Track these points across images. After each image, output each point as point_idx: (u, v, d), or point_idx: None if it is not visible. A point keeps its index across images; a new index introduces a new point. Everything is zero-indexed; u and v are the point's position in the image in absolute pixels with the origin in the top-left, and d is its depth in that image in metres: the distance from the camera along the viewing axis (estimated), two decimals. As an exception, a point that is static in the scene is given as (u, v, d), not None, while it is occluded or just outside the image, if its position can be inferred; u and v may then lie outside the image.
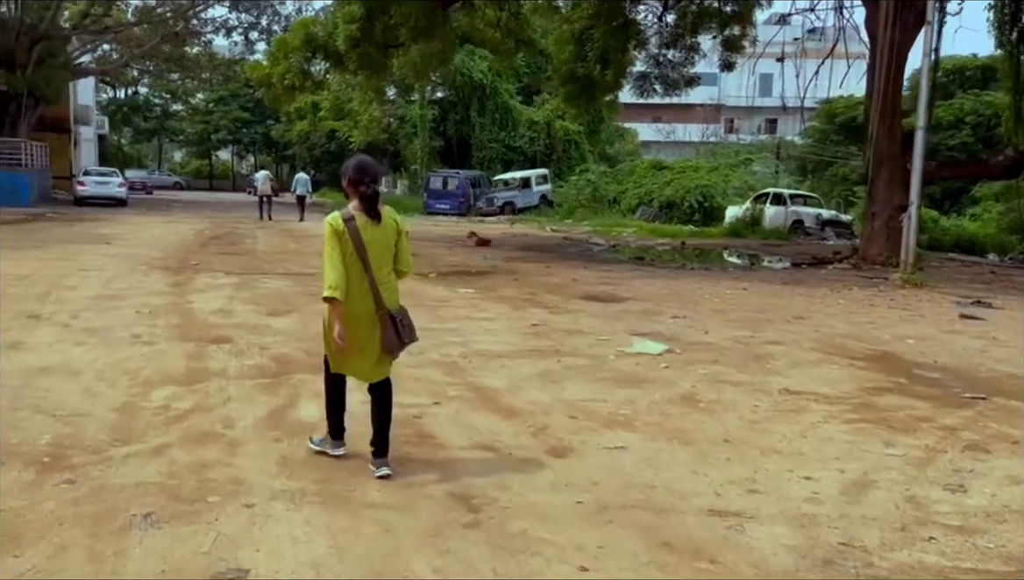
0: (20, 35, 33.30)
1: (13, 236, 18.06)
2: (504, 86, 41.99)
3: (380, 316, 4.21)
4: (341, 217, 4.15)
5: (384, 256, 4.25)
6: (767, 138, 55.97)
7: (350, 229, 4.12)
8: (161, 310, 9.08)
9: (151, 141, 73.50)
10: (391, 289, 4.32)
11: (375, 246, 4.17)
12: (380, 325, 4.22)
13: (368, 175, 4.19)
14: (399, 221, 4.38)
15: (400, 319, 4.32)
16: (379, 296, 4.19)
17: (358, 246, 4.11)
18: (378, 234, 4.19)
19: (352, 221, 4.14)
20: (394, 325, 4.26)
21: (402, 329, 4.31)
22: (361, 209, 4.16)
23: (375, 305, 4.19)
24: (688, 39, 22.30)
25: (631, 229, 26.91)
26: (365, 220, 4.16)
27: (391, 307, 4.28)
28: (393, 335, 4.26)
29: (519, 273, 14.08)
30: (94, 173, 35.38)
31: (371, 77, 19.13)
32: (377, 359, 4.32)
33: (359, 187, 4.16)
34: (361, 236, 4.12)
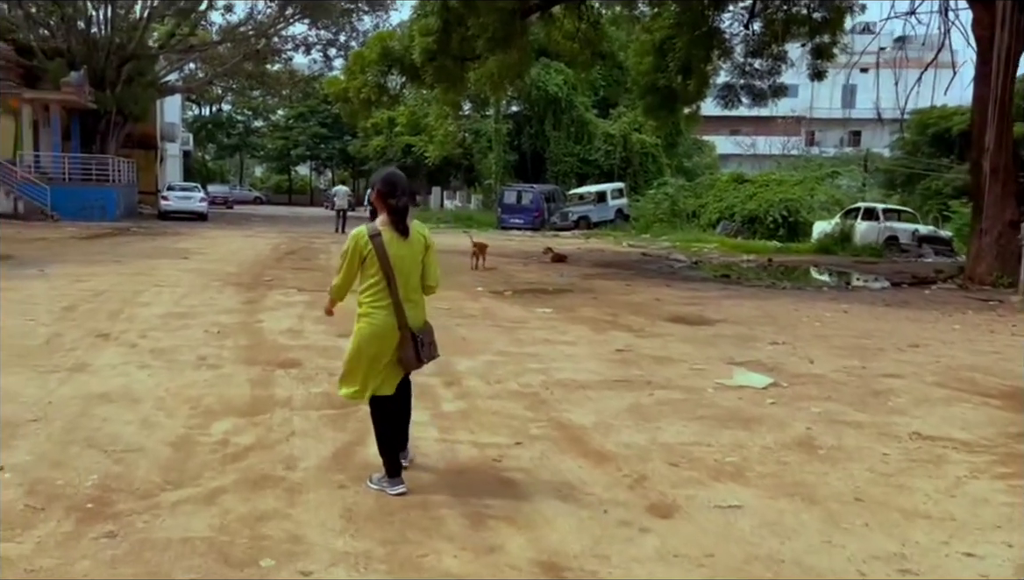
0: (110, 55, 34.39)
1: (97, 250, 18.31)
2: (580, 99, 41.47)
3: (401, 333, 4.14)
4: (367, 233, 4.07)
5: (411, 272, 4.18)
6: (852, 151, 53.90)
7: (375, 245, 4.04)
8: (230, 330, 8.77)
9: (233, 157, 75.53)
10: (417, 305, 4.27)
11: (402, 262, 4.11)
12: (400, 343, 4.15)
13: (399, 188, 4.08)
14: (427, 236, 4.29)
15: (421, 338, 4.23)
16: (402, 314, 4.12)
17: (383, 263, 4.05)
18: (405, 250, 4.12)
19: (378, 237, 4.05)
20: (414, 343, 4.18)
21: (422, 347, 4.24)
22: (389, 223, 4.08)
23: (397, 322, 4.12)
24: (775, 47, 21.36)
25: (712, 245, 25.94)
26: (392, 235, 4.07)
27: (415, 324, 4.21)
28: (411, 353, 4.19)
29: (598, 292, 13.43)
30: (177, 188, 36.26)
31: (447, 90, 18.81)
32: (393, 374, 4.29)
33: (389, 200, 4.07)
34: (387, 252, 4.04)
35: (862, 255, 22.31)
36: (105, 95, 33.70)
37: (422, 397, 6.09)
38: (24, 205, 29.39)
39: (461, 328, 9.29)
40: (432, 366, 7.23)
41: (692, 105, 22.46)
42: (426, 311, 4.38)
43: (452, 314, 10.39)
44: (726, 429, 5.45)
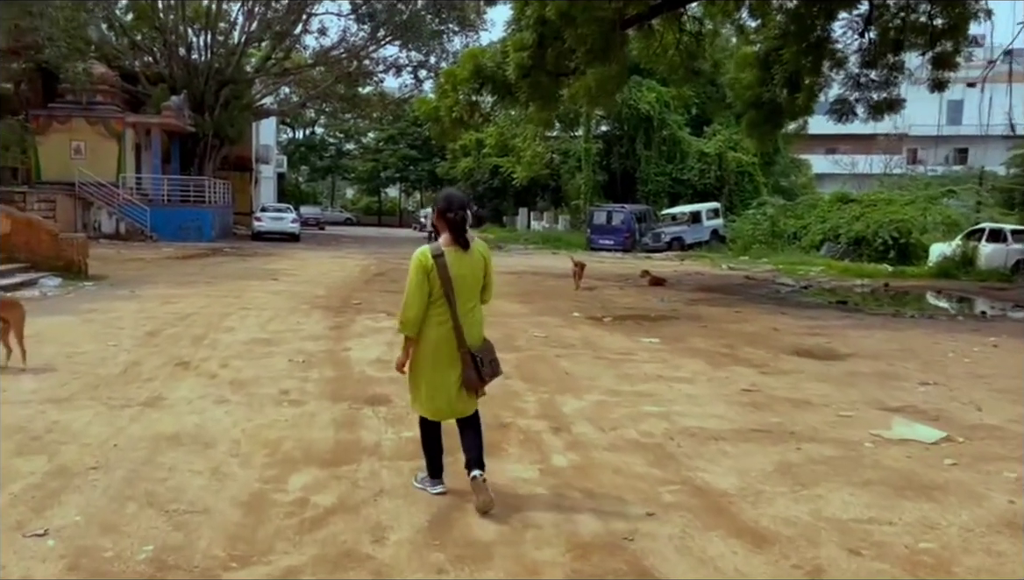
0: (209, 79, 35.19)
1: (189, 271, 18.27)
2: (672, 117, 40.30)
3: (461, 354, 4.13)
4: (431, 252, 4.09)
5: (472, 289, 4.21)
6: (960, 169, 50.87)
7: (438, 265, 4.06)
8: (316, 359, 8.15)
9: (325, 178, 77.00)
10: (476, 323, 4.24)
11: (463, 281, 4.13)
12: (460, 362, 4.14)
13: (455, 204, 4.15)
14: (487, 254, 4.30)
15: (480, 357, 4.19)
16: (461, 334, 4.12)
17: (445, 282, 4.07)
18: (466, 268, 4.15)
19: (441, 257, 4.08)
20: (474, 363, 4.15)
21: (482, 366, 4.19)
22: (451, 240, 4.12)
23: (456, 342, 4.12)
24: (890, 57, 19.89)
25: (818, 268, 24.40)
26: (454, 253, 4.11)
27: (474, 343, 4.19)
28: (473, 372, 4.16)
29: (706, 319, 12.38)
30: (270, 209, 36.74)
31: (542, 107, 18.08)
32: (458, 397, 4.21)
33: (447, 214, 4.12)
34: (449, 272, 4.07)
35: (989, 280, 20.46)
36: (203, 119, 34.47)
37: (527, 445, 5.27)
38: (126, 226, 30.14)
39: (563, 360, 8.44)
40: (537, 406, 6.48)
41: (798, 120, 21.18)
42: (483, 327, 4.32)
43: (550, 342, 9.57)
44: (905, 500, 4.42)
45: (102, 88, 31.37)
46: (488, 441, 5.34)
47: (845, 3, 18.85)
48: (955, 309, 15.63)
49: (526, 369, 7.86)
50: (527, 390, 6.97)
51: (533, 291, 15.94)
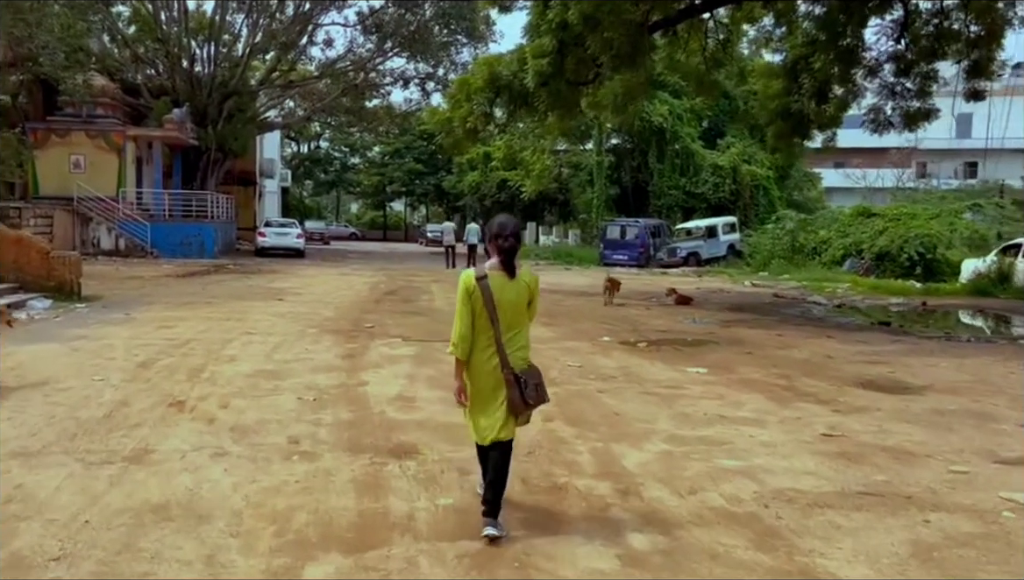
0: (212, 92, 34.41)
1: (190, 290, 17.35)
2: (685, 130, 39.46)
3: (504, 376, 4.11)
4: (474, 275, 4.13)
5: (517, 314, 4.19)
6: (977, 182, 49.99)
7: (481, 287, 4.08)
8: (328, 395, 7.19)
9: (330, 193, 76.23)
10: (521, 347, 4.21)
11: (507, 305, 4.11)
12: (505, 385, 4.12)
13: (507, 230, 4.16)
14: (532, 283, 4.26)
15: (525, 380, 4.15)
16: (504, 356, 4.11)
17: (488, 305, 4.08)
18: (511, 293, 4.13)
19: (484, 280, 4.10)
20: (519, 386, 4.11)
21: (526, 390, 4.14)
22: (499, 264, 4.14)
23: (500, 365, 4.10)
24: (923, 66, 18.98)
25: (845, 284, 23.41)
26: (499, 278, 4.12)
27: (518, 366, 4.15)
28: (518, 396, 4.12)
29: (748, 344, 11.40)
30: (274, 224, 35.88)
31: (562, 117, 17.17)
32: (503, 420, 4.15)
33: (497, 240, 4.14)
34: (492, 295, 4.08)
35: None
36: (206, 132, 33.67)
37: (593, 519, 4.30)
38: (125, 242, 29.28)
39: (606, 396, 7.47)
40: (592, 460, 5.47)
41: (827, 131, 20.24)
42: (529, 352, 4.26)
43: (587, 374, 8.59)
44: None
45: (102, 100, 30.59)
46: (544, 507, 4.44)
47: (878, 8, 18.00)
48: (1010, 332, 14.59)
49: (569, 408, 6.88)
50: (575, 437, 6.00)
51: (556, 312, 14.97)
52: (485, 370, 4.13)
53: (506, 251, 4.12)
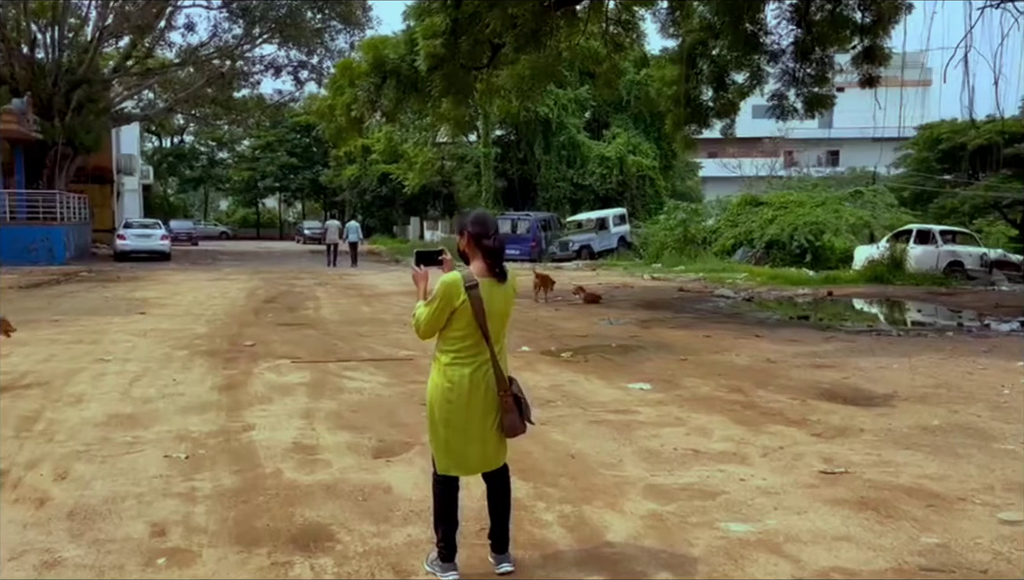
0: (58, 80, 31.03)
1: (35, 305, 14.99)
2: (571, 120, 38.83)
3: (503, 398, 3.52)
4: (463, 282, 3.41)
5: (503, 325, 3.59)
6: (844, 170, 51.97)
7: (472, 298, 3.40)
8: (205, 451, 5.62)
9: (197, 190, 71.88)
10: (504, 362, 3.58)
11: (497, 316, 3.50)
12: (501, 407, 3.52)
13: (491, 228, 3.53)
14: (517, 286, 3.66)
15: (523, 398, 3.61)
16: (501, 375, 3.51)
17: (479, 317, 3.42)
18: (499, 301, 3.50)
19: (475, 289, 3.41)
20: (518, 406, 3.57)
21: (525, 408, 3.62)
22: (486, 269, 3.49)
23: (497, 385, 3.50)
24: (819, 51, 18.72)
25: (742, 275, 23.13)
26: (489, 284, 3.47)
27: None
28: (517, 417, 3.57)
29: (678, 348, 10.45)
30: (135, 225, 32.83)
31: (457, 103, 15.78)
32: (496, 445, 3.60)
33: (483, 241, 3.48)
34: (484, 306, 3.41)
35: (924, 284, 19.61)
36: (52, 125, 30.29)
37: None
38: (-43, 249, 25.83)
39: (551, 430, 6.22)
40: (567, 534, 4.18)
41: (727, 117, 19.74)
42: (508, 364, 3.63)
43: (519, 398, 7.31)
44: None
45: (-74, 90, 26.95)
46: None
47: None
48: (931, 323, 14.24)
49: (514, 451, 5.57)
50: (534, 496, 4.72)
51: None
52: (473, 390, 3.49)
53: (494, 253, 3.50)
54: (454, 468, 3.58)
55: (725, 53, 18.45)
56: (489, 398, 3.51)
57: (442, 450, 3.58)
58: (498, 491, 3.70)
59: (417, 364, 8.92)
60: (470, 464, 3.59)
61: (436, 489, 3.66)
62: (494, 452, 3.61)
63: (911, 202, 36.99)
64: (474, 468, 3.62)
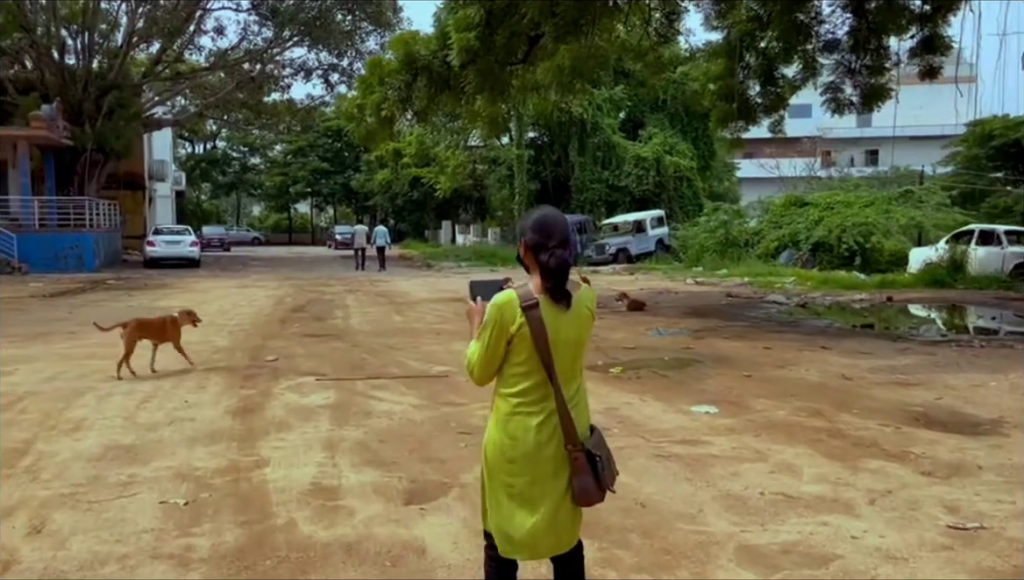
0: (88, 86, 30.78)
1: (54, 315, 14.42)
2: (606, 121, 37.89)
3: (572, 455, 2.62)
4: (520, 300, 2.59)
5: (574, 360, 2.70)
6: (888, 170, 50.26)
7: (531, 321, 2.57)
8: (209, 494, 4.80)
9: (230, 195, 71.96)
10: (580, 405, 2.70)
11: (565, 346, 2.63)
12: (571, 466, 2.63)
13: (555, 237, 2.61)
14: (594, 306, 2.75)
15: (599, 455, 2.68)
16: (570, 424, 2.61)
17: (542, 347, 2.58)
18: (570, 328, 2.64)
19: (535, 309, 2.58)
20: (592, 466, 2.64)
21: (602, 469, 2.66)
22: (546, 290, 2.61)
23: (564, 437, 2.62)
24: (874, 41, 17.61)
25: (790, 279, 22.01)
26: (551, 307, 2.61)
27: (583, 435, 2.67)
28: (591, 481, 2.65)
29: (737, 362, 9.49)
30: (164, 232, 32.45)
31: (492, 100, 14.93)
32: (569, 520, 2.69)
33: (540, 255, 2.60)
34: (546, 332, 2.57)
35: (989, 287, 18.37)
36: (83, 130, 30.03)
37: None
38: (-12, 257, 25.56)
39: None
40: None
41: (775, 114, 18.69)
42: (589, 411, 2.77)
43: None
44: None
45: (-46, 97, 26.77)
46: None
47: (831, -22, 16.54)
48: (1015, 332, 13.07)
49: (570, 497, 4.71)
50: (602, 562, 3.83)
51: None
52: (537, 445, 2.67)
53: (553, 271, 2.60)
54: (516, 551, 2.73)
55: (774, 45, 17.47)
56: (559, 457, 2.65)
57: (503, 526, 2.73)
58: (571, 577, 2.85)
59: (452, 382, 8.09)
60: (538, 545, 2.71)
61: (488, 567, 2.87)
62: (567, 528, 2.73)
63: (960, 201, 35.47)
64: (543, 551, 2.75)
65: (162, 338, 8.92)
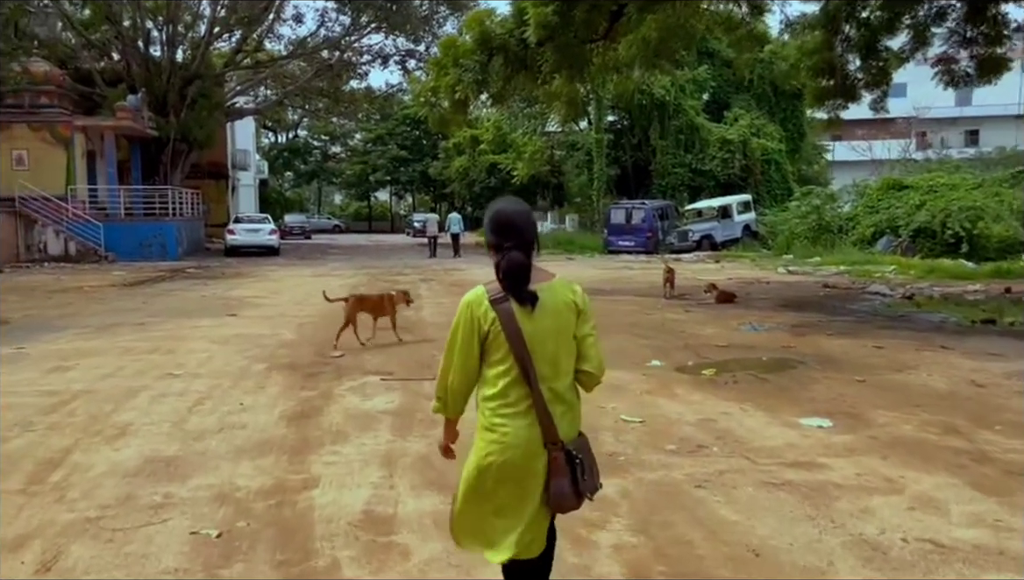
0: (172, 76, 31.18)
1: (127, 306, 14.31)
2: (689, 103, 36.46)
3: (551, 454, 2.52)
4: (488, 295, 2.53)
5: (557, 355, 2.54)
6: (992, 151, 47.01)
7: (501, 315, 2.49)
8: (246, 525, 4.18)
9: (311, 184, 72.91)
10: (570, 407, 2.59)
11: (542, 341, 2.51)
12: (549, 467, 2.52)
13: (511, 237, 2.51)
14: (578, 296, 2.61)
15: (580, 459, 2.57)
16: (548, 420, 2.50)
17: (515, 342, 2.47)
18: (547, 320, 2.51)
19: (505, 302, 2.50)
20: (571, 468, 2.54)
21: (582, 473, 2.57)
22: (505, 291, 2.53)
23: (543, 435, 2.51)
24: (992, 8, 16.02)
25: (890, 268, 20.49)
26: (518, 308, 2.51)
27: (567, 438, 2.56)
28: (567, 484, 2.53)
29: (846, 364, 8.46)
30: (245, 220, 32.73)
31: (570, 79, 14.09)
32: (537, 526, 2.57)
33: (496, 255, 2.56)
34: (519, 326, 2.47)
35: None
36: (167, 121, 30.46)
37: None
38: (76, 246, 26.13)
39: (711, 495, 4.50)
40: None
41: (877, 90, 17.28)
42: (580, 415, 2.66)
43: (658, 439, 5.63)
44: None
45: (46, 89, 27.37)
46: None
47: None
48: None
49: (664, 538, 3.92)
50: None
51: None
52: (520, 449, 2.51)
53: (507, 274, 2.49)
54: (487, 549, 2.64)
55: (878, 14, 16.08)
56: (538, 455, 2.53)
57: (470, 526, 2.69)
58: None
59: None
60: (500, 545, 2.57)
61: None
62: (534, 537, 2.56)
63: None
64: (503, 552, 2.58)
65: (380, 313, 9.99)
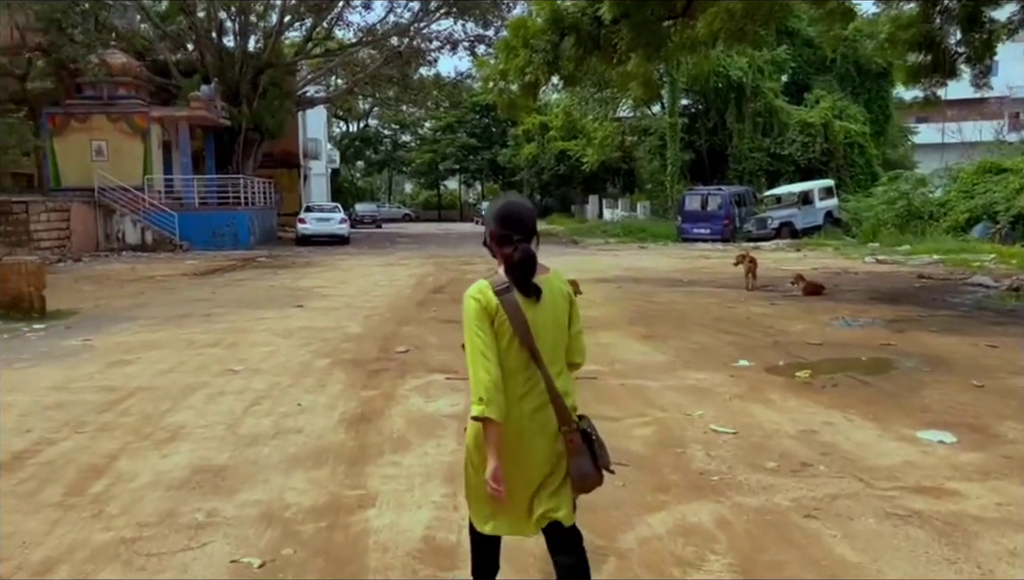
0: (244, 65, 31.43)
1: (196, 295, 14.24)
2: (767, 84, 35.09)
3: (567, 437, 2.58)
4: (492, 287, 2.58)
5: (557, 344, 2.65)
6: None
7: (507, 305, 2.54)
8: (293, 554, 3.71)
9: (382, 173, 73.41)
10: (569, 392, 2.67)
11: (544, 330, 2.59)
12: (567, 448, 2.59)
13: (520, 229, 2.58)
14: (568, 288, 2.74)
15: (594, 434, 2.65)
16: (561, 405, 2.58)
17: (521, 329, 2.54)
18: (547, 312, 2.61)
19: (509, 293, 2.56)
20: (589, 446, 2.61)
21: (600, 450, 2.65)
22: (512, 282, 2.58)
23: (558, 419, 2.59)
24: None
25: (989, 257, 19.13)
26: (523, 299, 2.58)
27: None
28: (588, 462, 2.60)
29: (958, 365, 7.63)
30: (315, 209, 32.89)
31: (646, 58, 13.36)
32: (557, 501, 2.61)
33: (504, 247, 2.59)
34: (523, 315, 2.54)
35: None
36: (239, 110, 30.73)
37: None
38: (152, 235, 26.55)
39: (825, 526, 3.86)
40: None
41: (980, 65, 16.04)
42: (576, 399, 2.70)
43: (755, 455, 4.97)
44: None
45: (124, 80, 27.85)
46: None
47: None
48: None
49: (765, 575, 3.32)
50: None
51: (651, 314, 11.37)
52: (530, 433, 2.56)
53: (519, 266, 2.54)
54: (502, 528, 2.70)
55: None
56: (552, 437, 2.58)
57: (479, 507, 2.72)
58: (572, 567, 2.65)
59: (601, 386, 6.81)
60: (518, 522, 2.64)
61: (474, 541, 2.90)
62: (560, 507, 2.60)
63: None
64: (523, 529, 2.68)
65: None
